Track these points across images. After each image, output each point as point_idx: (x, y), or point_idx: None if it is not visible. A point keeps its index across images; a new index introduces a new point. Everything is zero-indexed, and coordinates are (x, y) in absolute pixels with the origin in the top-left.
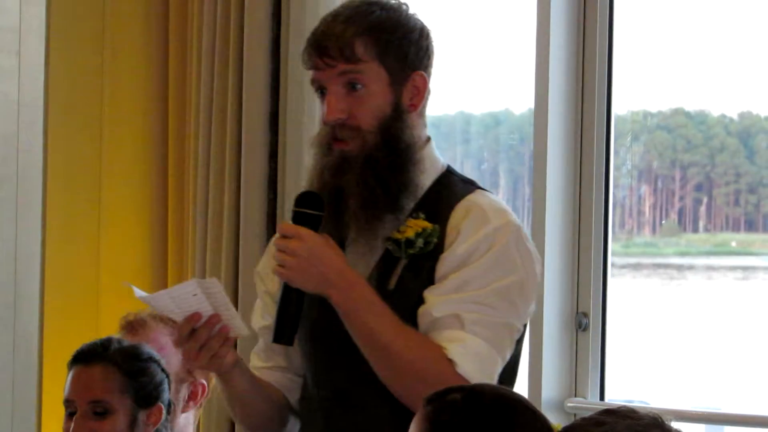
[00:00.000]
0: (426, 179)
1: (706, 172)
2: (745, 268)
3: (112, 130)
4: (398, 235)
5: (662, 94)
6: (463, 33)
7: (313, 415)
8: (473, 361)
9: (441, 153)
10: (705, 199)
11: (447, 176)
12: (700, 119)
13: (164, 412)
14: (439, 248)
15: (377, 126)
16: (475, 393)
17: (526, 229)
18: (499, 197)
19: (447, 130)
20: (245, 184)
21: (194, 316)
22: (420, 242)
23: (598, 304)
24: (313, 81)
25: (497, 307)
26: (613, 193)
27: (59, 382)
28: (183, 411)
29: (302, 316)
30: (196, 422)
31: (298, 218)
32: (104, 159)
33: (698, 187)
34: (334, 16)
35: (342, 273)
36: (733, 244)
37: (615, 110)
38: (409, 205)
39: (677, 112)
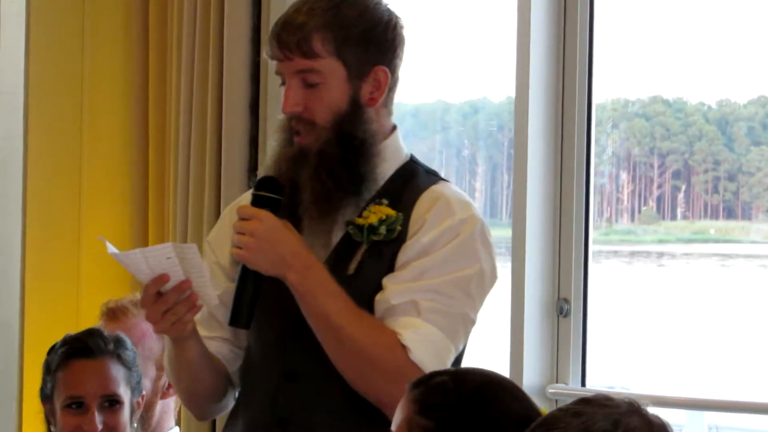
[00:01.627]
0: (388, 169)
1: (684, 160)
2: (723, 256)
3: (93, 117)
4: (361, 221)
5: (641, 81)
6: (441, 22)
7: (259, 392)
8: (427, 349)
9: (419, 141)
10: (683, 187)
11: (410, 165)
12: (678, 107)
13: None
14: (402, 236)
15: (332, 121)
16: (463, 375)
17: (508, 218)
18: (460, 189)
19: (426, 118)
20: (226, 171)
21: (162, 278)
22: (383, 229)
23: (579, 290)
24: (276, 72)
25: (454, 297)
26: (593, 181)
27: (40, 371)
28: (163, 398)
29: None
30: (177, 409)
31: (257, 201)
32: (85, 146)
33: (676, 175)
34: (298, 7)
35: (299, 255)
36: (712, 231)
37: (594, 98)
38: (371, 192)
39: (655, 99)
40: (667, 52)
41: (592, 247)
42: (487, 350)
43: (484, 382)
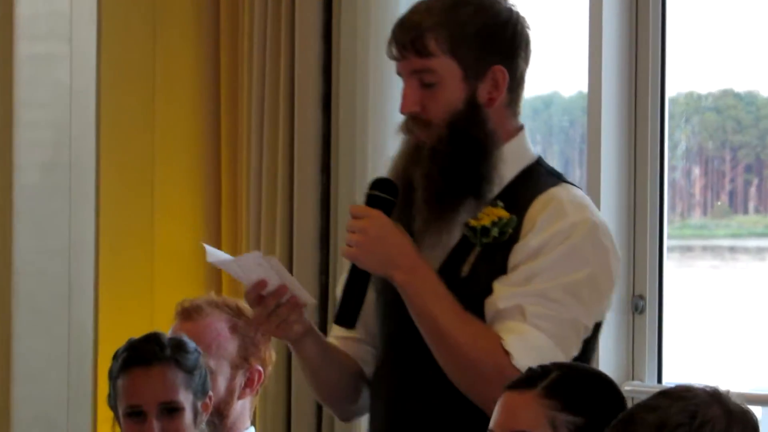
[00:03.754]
0: (509, 170)
1: (756, 153)
2: None
3: (165, 115)
4: (474, 223)
5: (711, 75)
6: None
7: (379, 391)
8: (531, 354)
9: None
10: (756, 181)
11: (534, 168)
12: (749, 100)
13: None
14: (513, 239)
15: (447, 120)
16: (579, 368)
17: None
18: (583, 193)
19: None
20: (298, 170)
21: (260, 283)
22: (495, 231)
23: (654, 286)
24: (396, 71)
25: (563, 302)
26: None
27: None
28: (239, 398)
29: (378, 296)
30: (253, 409)
31: (370, 201)
32: (157, 145)
33: (749, 169)
34: (416, 7)
35: (407, 255)
36: None
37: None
38: (492, 194)
39: (726, 93)
40: (737, 45)
41: (666, 243)
42: None
43: (602, 374)
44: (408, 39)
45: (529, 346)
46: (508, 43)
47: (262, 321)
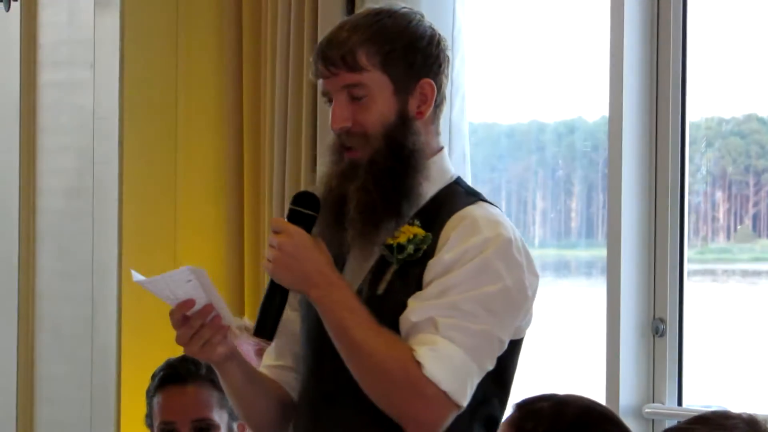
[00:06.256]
0: (430, 188)
1: None
2: None
3: (188, 140)
4: (391, 241)
5: (735, 100)
6: (535, 43)
7: (303, 414)
8: (443, 366)
9: (514, 162)
10: None
11: (452, 187)
12: None
13: None
14: (428, 255)
15: (382, 131)
16: (562, 404)
17: (605, 237)
18: (500, 211)
19: (520, 139)
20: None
21: (187, 303)
22: (410, 248)
23: (675, 309)
24: (323, 91)
25: (476, 315)
26: (688, 200)
27: (137, 395)
28: None
29: (302, 316)
30: None
31: (292, 216)
32: (180, 169)
33: None
34: (341, 25)
35: (323, 273)
36: None
37: (688, 117)
38: (410, 212)
39: (750, 117)
40: (760, 69)
41: (687, 266)
42: (583, 370)
43: (581, 414)
44: (338, 55)
45: (441, 356)
46: (434, 59)
47: (185, 342)
